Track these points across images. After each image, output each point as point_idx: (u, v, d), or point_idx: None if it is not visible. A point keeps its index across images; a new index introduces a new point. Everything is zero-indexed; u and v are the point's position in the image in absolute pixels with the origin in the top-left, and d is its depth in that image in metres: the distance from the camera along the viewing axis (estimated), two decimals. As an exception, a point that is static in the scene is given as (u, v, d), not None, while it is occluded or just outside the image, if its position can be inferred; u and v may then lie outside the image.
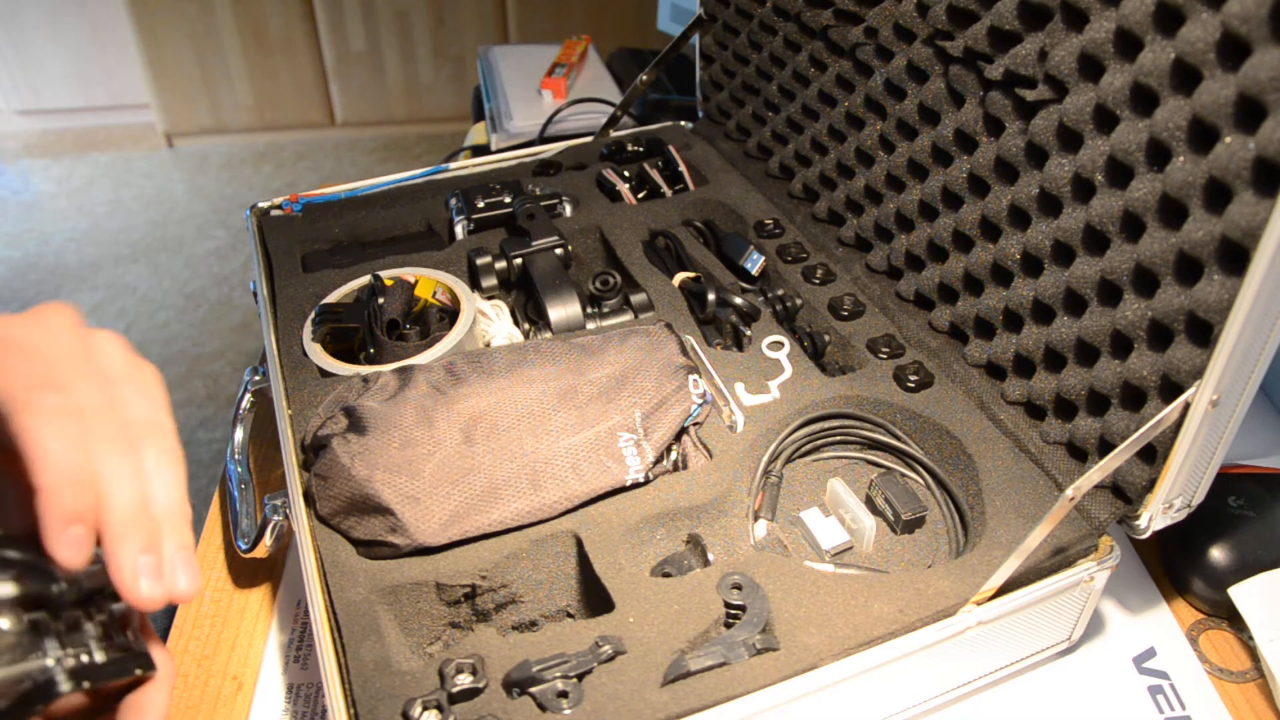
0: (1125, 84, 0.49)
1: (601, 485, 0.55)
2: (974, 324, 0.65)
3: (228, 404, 2.11)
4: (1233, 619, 0.62)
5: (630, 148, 0.91)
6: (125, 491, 0.37)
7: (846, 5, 0.71)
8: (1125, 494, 0.54)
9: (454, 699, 0.45)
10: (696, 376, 0.61)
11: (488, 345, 0.68)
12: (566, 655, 0.46)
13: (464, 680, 0.46)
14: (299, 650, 0.63)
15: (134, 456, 0.38)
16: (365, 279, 0.70)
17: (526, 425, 0.57)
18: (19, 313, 0.40)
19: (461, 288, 0.70)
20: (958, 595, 0.51)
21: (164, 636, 0.63)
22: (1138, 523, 0.53)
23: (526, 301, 0.73)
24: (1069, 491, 0.48)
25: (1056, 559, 0.54)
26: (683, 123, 0.97)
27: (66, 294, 2.42)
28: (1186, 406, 0.47)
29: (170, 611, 0.65)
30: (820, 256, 0.77)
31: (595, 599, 0.53)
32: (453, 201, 0.81)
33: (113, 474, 0.36)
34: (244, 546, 0.62)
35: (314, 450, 0.57)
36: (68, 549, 0.35)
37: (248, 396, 0.72)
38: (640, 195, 0.85)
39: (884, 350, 0.67)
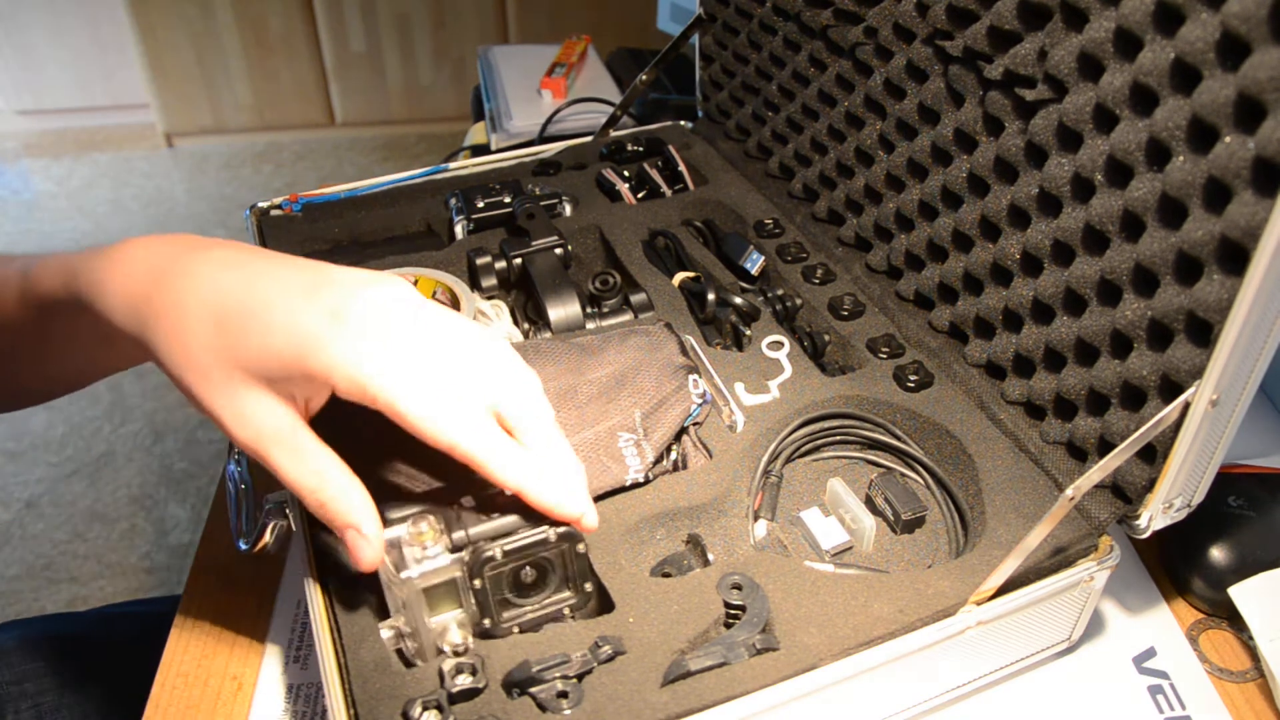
0: (1125, 84, 0.49)
1: (601, 485, 0.55)
2: (974, 324, 0.65)
3: (228, 404, 2.11)
4: (1233, 619, 0.62)
5: (630, 147, 0.90)
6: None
7: (846, 5, 0.71)
8: (1125, 494, 0.54)
9: (454, 699, 0.45)
10: (696, 376, 0.61)
11: (488, 345, 0.68)
12: (566, 655, 0.46)
13: (464, 681, 0.46)
14: (299, 650, 0.63)
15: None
16: (365, 279, 0.70)
17: (526, 425, 0.57)
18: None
19: (461, 288, 0.70)
20: (958, 595, 0.51)
21: (165, 635, 0.63)
22: (1138, 522, 0.53)
23: (526, 301, 0.73)
24: (1069, 491, 0.48)
25: (1056, 559, 0.54)
26: (683, 123, 0.97)
27: (66, 294, 2.42)
28: (1186, 406, 0.47)
29: (171, 610, 0.65)
30: (820, 256, 0.77)
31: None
32: (453, 201, 0.81)
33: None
34: (244, 546, 0.62)
35: (314, 450, 0.57)
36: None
37: (248, 396, 0.72)
38: (640, 195, 0.85)
39: (884, 350, 0.67)
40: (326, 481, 0.44)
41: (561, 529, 0.46)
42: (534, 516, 0.46)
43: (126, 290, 0.43)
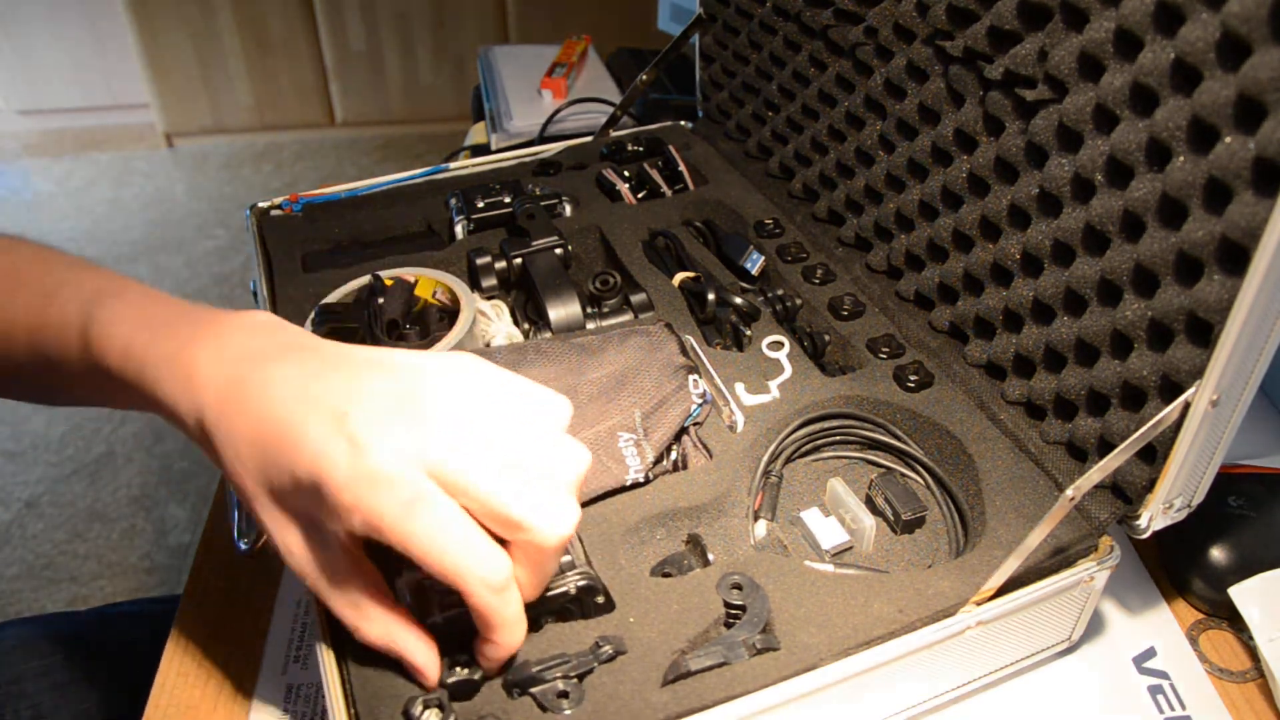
0: (1125, 84, 0.49)
1: (601, 485, 0.55)
2: (974, 324, 0.65)
3: (228, 404, 2.11)
4: (1233, 619, 0.62)
5: (630, 147, 0.90)
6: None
7: (846, 5, 0.71)
8: (1125, 494, 0.54)
9: (454, 697, 0.45)
10: (696, 376, 0.61)
11: (488, 345, 0.68)
12: (567, 655, 0.46)
13: (461, 672, 0.46)
14: (299, 650, 0.63)
15: None
16: (365, 279, 0.70)
17: (526, 425, 0.57)
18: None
19: (461, 288, 0.70)
20: (958, 595, 0.51)
21: (165, 635, 0.63)
22: (1138, 523, 0.53)
23: (526, 301, 0.73)
24: (1069, 491, 0.48)
25: (1056, 559, 0.54)
26: (683, 123, 0.97)
27: (66, 294, 2.42)
28: (1186, 406, 0.47)
29: (171, 610, 0.65)
30: (820, 256, 0.77)
31: (595, 599, 0.53)
32: (453, 201, 0.81)
33: None
34: (244, 546, 0.62)
35: (314, 450, 0.57)
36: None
37: (248, 396, 0.72)
38: (640, 195, 0.85)
39: (884, 350, 0.67)
40: (388, 638, 0.45)
41: (582, 582, 0.47)
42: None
43: (194, 417, 0.43)
